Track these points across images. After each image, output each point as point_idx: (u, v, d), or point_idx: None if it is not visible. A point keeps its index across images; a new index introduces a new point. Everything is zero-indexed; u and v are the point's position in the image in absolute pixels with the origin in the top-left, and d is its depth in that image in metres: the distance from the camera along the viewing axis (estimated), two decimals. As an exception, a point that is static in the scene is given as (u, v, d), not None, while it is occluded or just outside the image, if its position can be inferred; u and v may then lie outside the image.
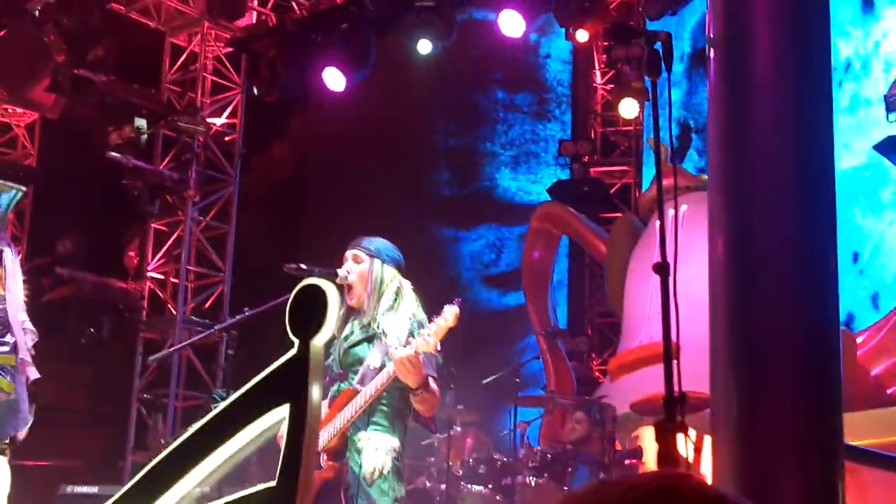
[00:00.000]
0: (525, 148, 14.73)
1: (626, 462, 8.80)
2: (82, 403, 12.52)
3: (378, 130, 13.99)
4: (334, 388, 5.49)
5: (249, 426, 3.78)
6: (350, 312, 5.63)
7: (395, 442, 5.37)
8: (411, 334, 5.33)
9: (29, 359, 6.43)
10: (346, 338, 5.58)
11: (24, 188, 6.46)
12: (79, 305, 12.38)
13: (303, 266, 5.74)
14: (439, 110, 14.12)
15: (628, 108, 12.38)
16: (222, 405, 3.93)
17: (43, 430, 7.74)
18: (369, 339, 5.49)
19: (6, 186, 6.45)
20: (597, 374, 12.86)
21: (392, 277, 5.59)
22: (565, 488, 8.65)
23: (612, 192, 13.61)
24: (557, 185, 13.61)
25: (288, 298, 5.93)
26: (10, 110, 14.22)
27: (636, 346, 10.91)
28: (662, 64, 4.09)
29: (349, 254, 5.69)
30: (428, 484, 9.00)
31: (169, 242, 12.88)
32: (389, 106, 13.92)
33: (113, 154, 12.21)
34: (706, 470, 5.39)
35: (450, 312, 5.26)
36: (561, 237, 13.33)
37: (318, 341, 3.68)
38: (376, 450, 5.30)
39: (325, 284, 3.73)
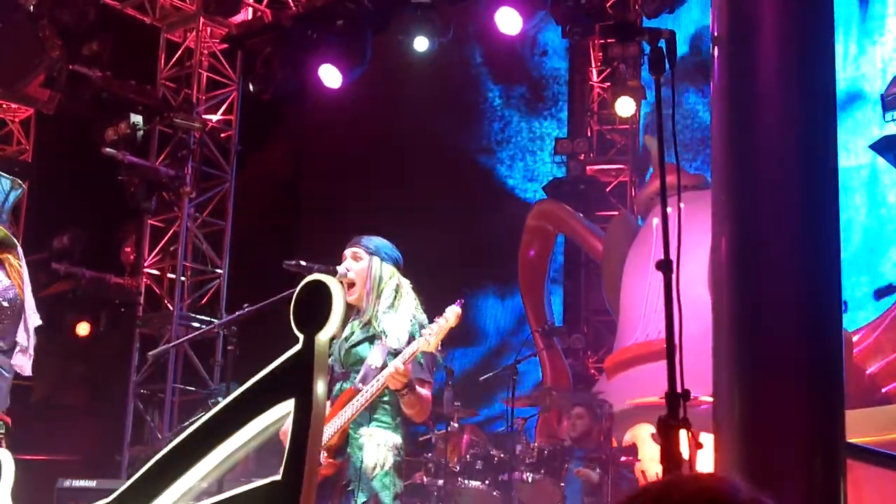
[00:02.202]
0: (521, 145, 14.74)
1: (622, 459, 8.84)
2: (79, 399, 12.52)
3: (374, 127, 14.00)
4: (336, 387, 5.51)
5: (254, 421, 3.79)
6: (350, 312, 5.61)
7: (396, 438, 5.41)
8: (412, 335, 5.35)
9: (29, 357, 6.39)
10: (347, 338, 5.60)
11: (22, 184, 6.43)
12: (75, 301, 12.39)
13: (302, 262, 5.76)
14: (435, 107, 14.12)
15: (624, 106, 12.39)
16: (227, 400, 3.94)
17: (40, 425, 7.78)
18: (370, 339, 5.49)
19: (17, 183, 6.45)
20: (592, 371, 12.87)
21: (391, 275, 5.60)
22: (562, 484, 8.68)
23: (608, 190, 13.62)
24: (553, 182, 13.62)
25: (290, 294, 5.95)
26: (4, 106, 14.21)
27: (632, 344, 10.95)
28: (666, 62, 4.10)
29: (348, 252, 5.69)
30: (425, 479, 9.01)
31: (165, 238, 12.88)
32: (385, 103, 13.93)
33: (108, 150, 12.19)
34: (703, 468, 5.42)
35: (452, 313, 5.31)
36: (557, 235, 13.35)
37: (323, 336, 3.69)
38: (378, 445, 5.34)
39: (329, 280, 3.74)
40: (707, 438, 5.12)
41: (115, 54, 12.60)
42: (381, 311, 5.52)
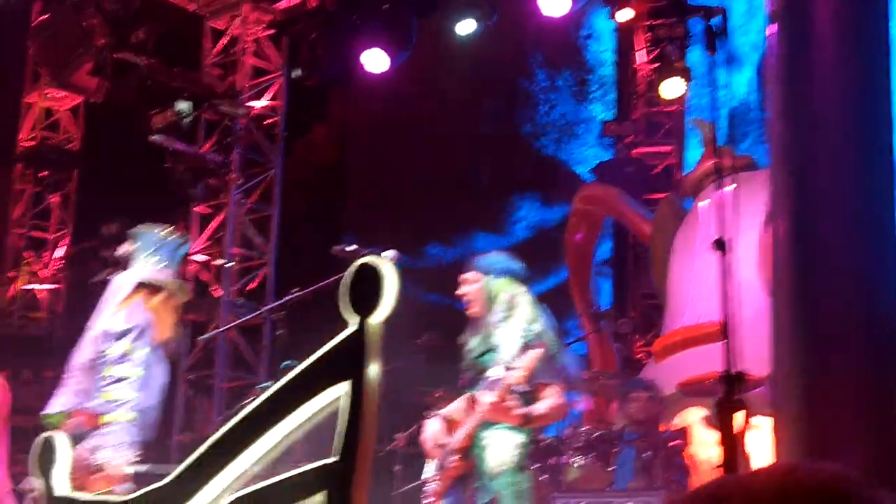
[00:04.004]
0: (567, 129, 14.67)
1: (671, 443, 8.78)
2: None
3: (419, 111, 13.98)
4: (466, 393, 6.06)
5: (307, 404, 3.78)
6: (476, 325, 6.11)
7: (518, 438, 5.81)
8: (526, 345, 5.69)
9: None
10: (473, 349, 6.08)
11: (188, 239, 6.62)
12: (124, 288, 12.43)
13: (351, 247, 5.92)
14: (481, 92, 14.07)
15: (671, 87, 12.29)
16: (279, 383, 3.94)
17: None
18: (491, 351, 5.89)
19: (184, 239, 6.65)
20: (640, 355, 12.81)
21: (502, 289, 5.95)
22: (611, 469, 8.64)
23: (655, 172, 13.52)
24: (601, 166, 13.55)
25: (338, 278, 5.93)
26: (52, 94, 14.30)
27: (681, 328, 10.86)
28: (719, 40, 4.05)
29: (462, 277, 6.22)
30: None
31: (213, 225, 12.92)
32: (430, 87, 13.89)
33: (155, 137, 12.25)
34: (757, 449, 5.39)
35: (535, 352, 5.69)
36: (604, 218, 13.28)
37: (375, 320, 3.68)
38: (501, 446, 5.77)
39: (381, 263, 3.73)
40: (760, 421, 5.07)
41: (161, 42, 12.64)
42: (495, 324, 5.89)
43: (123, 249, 6.85)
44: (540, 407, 5.88)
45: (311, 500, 3.68)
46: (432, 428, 6.27)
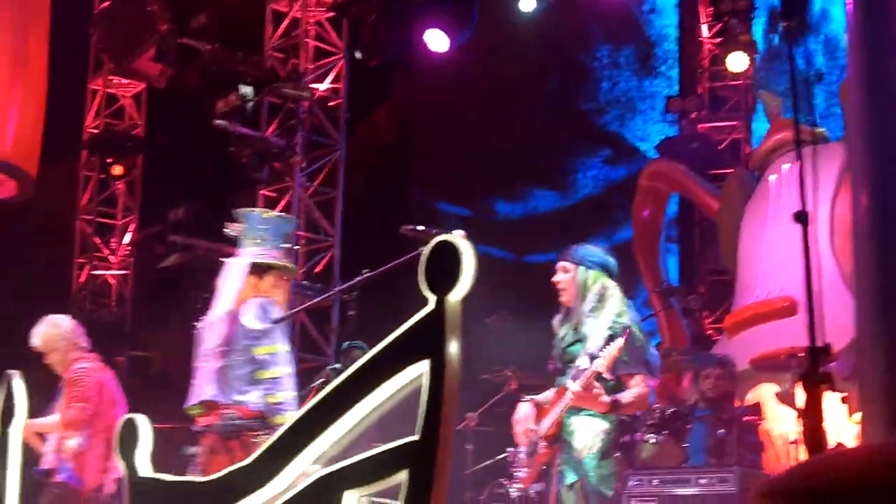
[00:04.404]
0: (631, 105, 14.57)
1: (746, 419, 8.72)
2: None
3: (481, 90, 13.92)
4: (556, 381, 6.17)
5: (386, 383, 3.78)
6: (567, 314, 6.24)
7: (604, 424, 5.95)
8: (612, 336, 5.87)
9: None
10: (563, 338, 6.20)
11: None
12: (193, 272, 12.53)
13: (420, 227, 5.97)
14: (543, 68, 13.99)
15: (736, 61, 12.19)
16: (358, 363, 3.93)
17: (162, 394, 7.87)
18: (580, 341, 6.05)
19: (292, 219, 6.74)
20: (710, 331, 12.70)
21: (594, 281, 6.14)
22: (685, 445, 8.59)
23: (720, 147, 13.38)
24: (666, 142, 13.43)
25: (409, 258, 5.95)
26: (116, 81, 14.41)
27: (752, 303, 10.77)
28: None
29: (558, 265, 6.29)
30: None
31: (278, 208, 12.96)
32: (493, 65, 13.84)
33: (219, 122, 12.31)
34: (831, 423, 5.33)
35: (618, 342, 5.85)
36: (671, 194, 13.18)
37: (454, 297, 3.66)
38: (587, 432, 5.92)
39: (459, 240, 3.70)
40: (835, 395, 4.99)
41: (223, 26, 12.70)
42: (585, 315, 6.08)
43: (233, 230, 7.01)
44: (626, 396, 5.99)
45: (392, 479, 3.68)
46: (523, 412, 6.35)
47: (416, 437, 3.60)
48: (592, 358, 5.89)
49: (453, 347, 3.59)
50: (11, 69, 11.41)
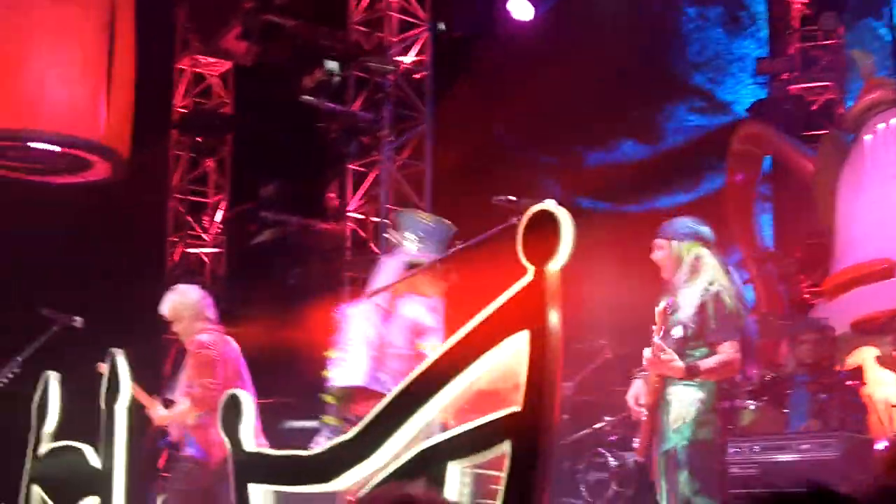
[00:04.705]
0: (721, 67, 14.36)
1: (847, 383, 8.60)
2: (293, 343, 12.74)
3: (567, 56, 13.78)
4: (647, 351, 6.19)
5: (487, 354, 3.76)
6: (666, 288, 6.33)
7: (700, 394, 6.02)
8: (703, 304, 6.03)
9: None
10: (665, 308, 6.18)
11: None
12: (284, 248, 12.64)
13: (511, 198, 6.02)
14: (630, 32, 13.81)
15: (828, 21, 11.96)
16: (457, 335, 3.92)
17: (258, 369, 7.93)
18: (675, 312, 6.12)
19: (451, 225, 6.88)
20: (807, 295, 12.50)
21: (687, 252, 6.24)
22: (785, 411, 8.50)
23: (813, 109, 13.13)
24: (757, 104, 13.21)
25: (502, 228, 5.90)
26: (203, 60, 14.52)
27: (852, 265, 10.59)
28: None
29: (654, 243, 6.41)
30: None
31: (367, 183, 13.01)
32: (578, 31, 13.70)
33: (306, 98, 12.37)
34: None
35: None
36: (763, 158, 12.99)
37: (553, 267, 3.62)
38: (681, 401, 6.02)
39: (558, 210, 3.67)
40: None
41: (306, 1, 12.73)
42: (679, 286, 6.21)
43: (390, 234, 7.23)
44: (707, 362, 6.03)
45: (495, 450, 3.67)
46: (635, 389, 6.46)
47: (517, 408, 3.58)
48: (684, 327, 6.00)
49: (553, 318, 3.57)
50: (101, 53, 11.55)
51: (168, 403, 7.74)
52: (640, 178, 13.92)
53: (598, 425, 9.99)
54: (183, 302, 7.64)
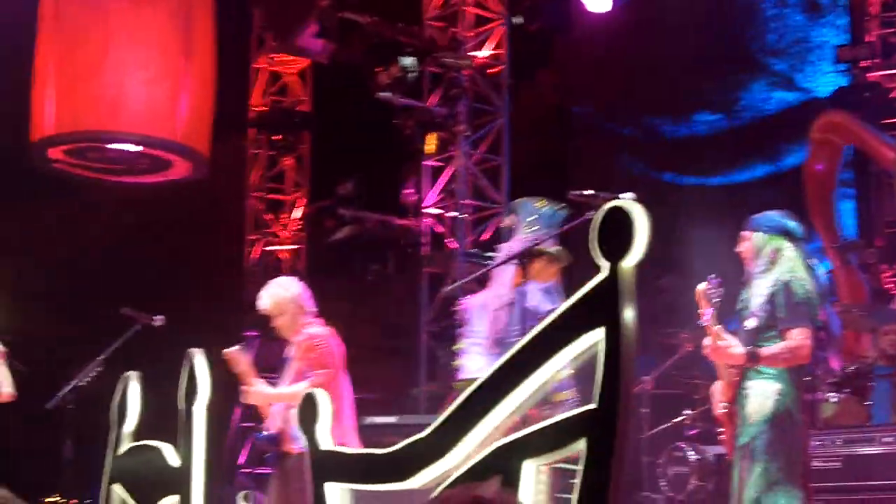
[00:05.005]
0: (800, 55, 14.18)
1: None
2: (372, 339, 12.82)
3: (643, 48, 13.70)
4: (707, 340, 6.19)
5: (562, 351, 3.75)
6: (748, 281, 6.34)
7: (777, 386, 6.01)
8: (772, 296, 6.06)
9: None
10: (742, 301, 6.31)
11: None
12: (363, 245, 12.70)
13: (588, 192, 6.06)
14: (705, 22, 13.68)
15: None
16: (533, 332, 3.91)
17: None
18: (748, 304, 6.21)
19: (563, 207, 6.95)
20: (889, 285, 12.31)
21: (767, 244, 6.25)
22: (867, 403, 8.40)
23: (893, 96, 12.91)
24: (837, 92, 13.03)
25: (577, 223, 5.89)
26: (279, 59, 14.62)
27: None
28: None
29: (740, 234, 6.43)
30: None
31: (443, 178, 13.01)
32: (653, 22, 13.59)
33: (382, 94, 12.41)
34: None
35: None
36: (844, 147, 12.81)
37: (628, 264, 3.61)
38: (757, 395, 6.03)
39: (632, 206, 3.65)
40: None
41: (381, -2, 12.78)
42: (755, 277, 6.26)
43: (506, 222, 7.34)
44: (772, 347, 6.02)
45: (571, 448, 3.66)
46: (716, 387, 6.45)
47: (594, 406, 3.57)
48: (756, 318, 6.06)
49: (629, 314, 3.55)
50: (179, 52, 11.69)
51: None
52: (718, 152, 13.81)
53: (678, 419, 9.94)
54: (285, 295, 7.50)
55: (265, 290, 7.58)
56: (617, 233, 3.64)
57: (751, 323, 6.08)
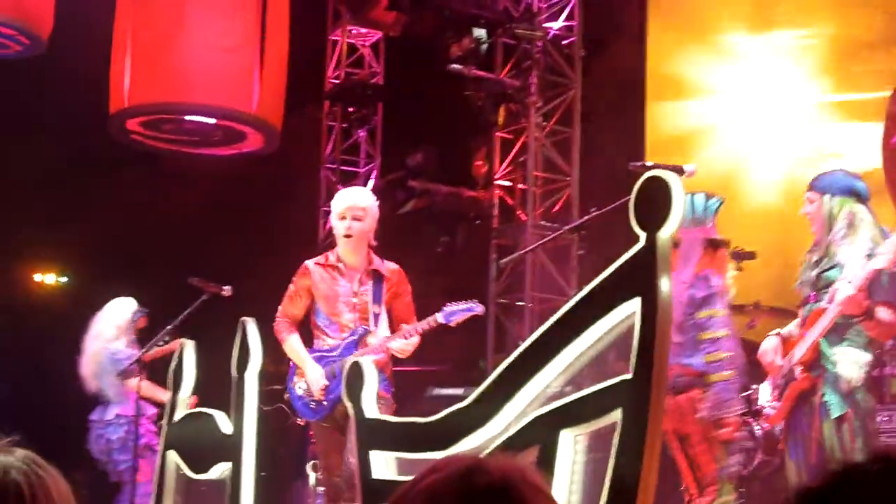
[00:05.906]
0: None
1: None
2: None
3: (722, 14, 13.52)
4: (805, 308, 6.18)
5: (600, 321, 3.78)
6: (817, 243, 6.25)
7: (867, 356, 5.94)
8: (869, 256, 5.83)
9: None
10: (816, 264, 6.19)
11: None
12: (432, 216, 12.73)
13: (647, 164, 6.07)
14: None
15: None
16: (570, 302, 3.94)
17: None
18: (835, 266, 6.03)
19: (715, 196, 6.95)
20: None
21: (840, 208, 6.07)
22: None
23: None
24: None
25: (626, 199, 5.90)
26: (354, 31, 14.67)
27: None
28: None
29: (805, 196, 6.32)
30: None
31: (514, 150, 13.01)
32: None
33: (454, 66, 12.41)
34: None
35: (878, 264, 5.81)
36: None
37: (664, 234, 3.62)
38: (853, 364, 5.89)
39: (668, 177, 3.66)
40: None
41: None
42: (837, 242, 6.04)
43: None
44: (883, 313, 5.87)
45: (607, 418, 3.69)
46: (769, 345, 6.36)
47: (629, 376, 3.60)
48: (852, 284, 5.83)
49: (664, 285, 3.57)
50: (254, 25, 11.77)
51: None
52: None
53: (745, 393, 9.86)
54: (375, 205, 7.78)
55: (357, 190, 7.80)
56: (654, 203, 3.65)
57: (844, 286, 5.81)
